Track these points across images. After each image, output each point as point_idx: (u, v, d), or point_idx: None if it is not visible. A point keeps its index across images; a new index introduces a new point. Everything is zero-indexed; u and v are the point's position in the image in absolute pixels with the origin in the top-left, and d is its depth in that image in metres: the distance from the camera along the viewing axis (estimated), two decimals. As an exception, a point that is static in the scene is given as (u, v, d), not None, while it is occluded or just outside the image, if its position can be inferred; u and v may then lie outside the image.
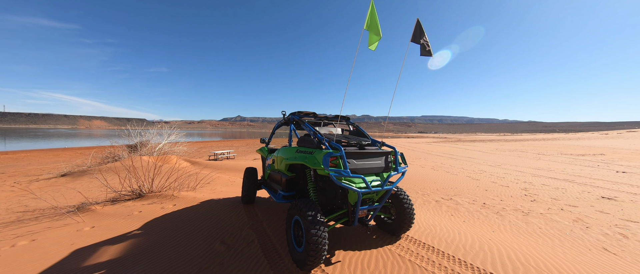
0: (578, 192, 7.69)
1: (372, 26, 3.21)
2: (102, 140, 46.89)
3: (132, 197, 6.15)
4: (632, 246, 4.02)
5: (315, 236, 2.73)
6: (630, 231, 4.63)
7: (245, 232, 3.95)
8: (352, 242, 3.61)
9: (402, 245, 3.50)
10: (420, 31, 3.21)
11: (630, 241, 4.23)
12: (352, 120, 4.63)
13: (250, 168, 5.34)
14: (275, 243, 3.59)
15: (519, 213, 5.84)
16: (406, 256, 3.17)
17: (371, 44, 3.34)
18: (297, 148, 3.61)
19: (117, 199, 6.07)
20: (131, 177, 6.22)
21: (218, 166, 13.64)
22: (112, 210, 5.32)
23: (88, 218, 4.93)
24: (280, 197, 3.97)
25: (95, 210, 5.31)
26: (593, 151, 21.16)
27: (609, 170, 11.77)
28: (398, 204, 3.68)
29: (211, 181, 7.95)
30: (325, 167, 2.87)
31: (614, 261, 3.50)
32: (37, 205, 6.34)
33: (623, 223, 5.05)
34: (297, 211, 3.01)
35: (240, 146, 33.62)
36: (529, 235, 4.52)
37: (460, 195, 7.50)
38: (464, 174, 11.06)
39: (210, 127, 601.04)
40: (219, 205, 5.28)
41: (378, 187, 3.08)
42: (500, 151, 23.45)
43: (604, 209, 6.01)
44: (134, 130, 17.56)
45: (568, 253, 3.67)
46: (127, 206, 5.54)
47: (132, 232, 4.16)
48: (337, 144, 3.10)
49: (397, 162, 3.40)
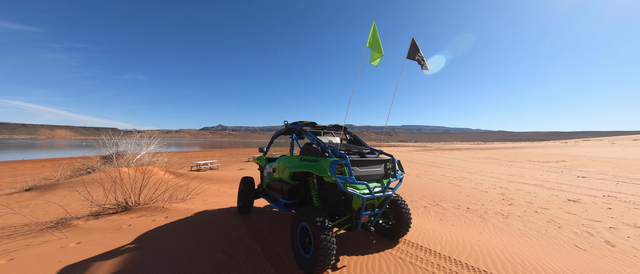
0: (548, 196, 8.43)
1: (374, 44, 3.50)
2: (69, 151, 43.32)
3: (118, 210, 5.83)
4: (597, 243, 4.52)
5: (324, 242, 2.83)
6: (595, 229, 5.19)
7: (246, 241, 3.94)
8: (353, 247, 3.73)
9: (401, 249, 3.69)
10: (415, 48, 3.55)
11: (595, 238, 4.75)
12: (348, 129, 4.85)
13: (248, 177, 5.33)
14: (278, 251, 3.62)
15: (500, 215, 6.30)
16: (407, 259, 3.35)
17: (373, 60, 3.62)
18: (301, 157, 3.73)
19: (101, 213, 5.73)
20: (117, 189, 5.92)
21: (204, 177, 13.22)
22: (97, 224, 5.02)
23: (71, 233, 4.62)
24: (282, 206, 4.02)
25: (78, 225, 4.99)
26: (556, 158, 23.15)
27: (571, 175, 12.98)
28: (396, 210, 3.88)
29: (200, 192, 7.73)
30: (333, 174, 3.02)
31: (585, 256, 3.94)
32: (5, 222, 5.79)
33: (588, 223, 5.64)
34: (304, 218, 3.10)
35: (223, 156, 32.70)
36: (511, 236, 4.92)
37: (446, 201, 7.92)
38: (447, 181, 11.65)
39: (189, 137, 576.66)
40: (214, 216, 5.19)
41: (379, 193, 3.27)
42: (476, 158, 24.91)
43: (571, 210, 6.66)
44: (109, 140, 16.59)
45: (546, 251, 4.06)
46: (113, 220, 5.25)
47: (125, 246, 3.97)
48: (341, 152, 3.27)
49: (395, 169, 3.63)
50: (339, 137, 4.51)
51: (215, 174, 14.51)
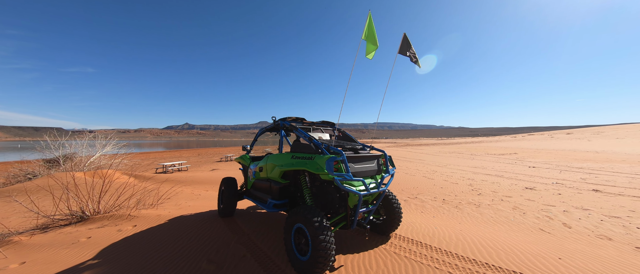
0: (508, 185, 9.30)
1: (370, 36, 3.44)
2: (0, 155, 37.36)
3: (72, 221, 5.06)
4: (557, 226, 5.07)
5: (323, 242, 2.71)
6: (552, 214, 5.82)
7: (233, 247, 3.65)
8: (347, 245, 3.67)
9: (394, 243, 3.72)
10: (407, 44, 3.58)
11: (555, 221, 5.32)
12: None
13: (229, 178, 4.96)
14: (270, 255, 3.41)
15: (472, 205, 6.76)
16: (402, 253, 3.38)
17: (368, 53, 3.56)
18: (292, 154, 3.54)
19: (50, 226, 4.92)
20: (71, 196, 5.12)
21: (173, 179, 12.19)
22: (47, 239, 4.28)
23: (12, 252, 3.86)
24: (271, 206, 3.80)
25: (20, 241, 4.20)
26: (509, 151, 25.82)
27: (523, 166, 14.54)
28: (387, 205, 3.90)
29: (172, 196, 7.05)
30: (330, 171, 2.90)
31: (551, 238, 4.37)
32: None
33: (546, 208, 6.31)
34: (300, 218, 2.94)
35: (191, 157, 30.67)
36: (486, 223, 5.28)
37: (423, 194, 8.30)
38: (420, 175, 12.27)
39: (151, 137, 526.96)
40: (193, 221, 4.75)
41: (375, 189, 3.23)
42: (442, 153, 26.73)
43: (530, 197, 7.41)
44: (54, 141, 14.50)
45: (519, 236, 4.42)
46: (67, 233, 4.53)
47: (86, 263, 3.42)
48: (337, 148, 3.16)
49: (387, 164, 3.63)
50: (328, 133, 4.40)
51: (185, 176, 13.49)
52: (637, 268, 3.17)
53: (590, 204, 6.46)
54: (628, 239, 4.28)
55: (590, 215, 5.60)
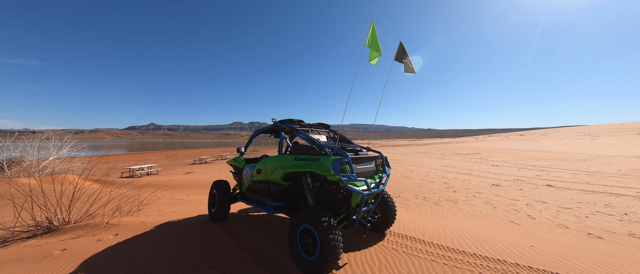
0: (478, 182, 10.20)
1: (373, 44, 3.60)
2: None
3: (36, 233, 4.51)
4: (523, 218, 5.71)
5: (333, 241, 2.80)
6: (518, 207, 6.54)
7: (232, 252, 3.57)
8: (348, 244, 3.79)
9: (390, 240, 3.93)
10: (403, 52, 3.82)
11: (521, 214, 5.99)
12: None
13: (221, 181, 4.81)
14: (273, 257, 3.41)
15: (450, 202, 7.32)
16: (399, 249, 3.60)
17: (372, 59, 3.72)
18: (295, 156, 3.58)
19: (10, 239, 4.34)
20: (34, 205, 4.56)
21: (142, 183, 11.34)
22: (9, 254, 3.79)
23: (-33, 271, 3.35)
24: (271, 208, 3.79)
25: (-24, 259, 3.65)
26: (473, 151, 28.13)
27: (487, 165, 15.98)
28: (383, 203, 4.11)
29: (151, 202, 6.58)
30: (336, 172, 3.00)
31: (521, 229, 4.93)
32: None
33: (512, 202, 7.06)
34: (307, 219, 2.99)
35: (159, 159, 28.69)
36: (465, 218, 5.78)
37: (404, 192, 8.77)
38: (399, 174, 12.89)
39: (109, 138, 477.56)
40: (182, 227, 4.52)
41: (375, 189, 3.40)
42: (416, 153, 28.28)
43: (498, 193, 8.22)
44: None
45: (495, 228, 4.92)
46: (33, 246, 4.04)
47: (68, 278, 3.11)
48: (341, 150, 3.28)
49: (383, 165, 3.84)
50: (324, 135, 4.49)
51: (157, 180, 12.63)
52: (592, 250, 3.73)
53: (546, 197, 7.36)
54: (580, 226, 5.00)
55: (548, 207, 6.41)
